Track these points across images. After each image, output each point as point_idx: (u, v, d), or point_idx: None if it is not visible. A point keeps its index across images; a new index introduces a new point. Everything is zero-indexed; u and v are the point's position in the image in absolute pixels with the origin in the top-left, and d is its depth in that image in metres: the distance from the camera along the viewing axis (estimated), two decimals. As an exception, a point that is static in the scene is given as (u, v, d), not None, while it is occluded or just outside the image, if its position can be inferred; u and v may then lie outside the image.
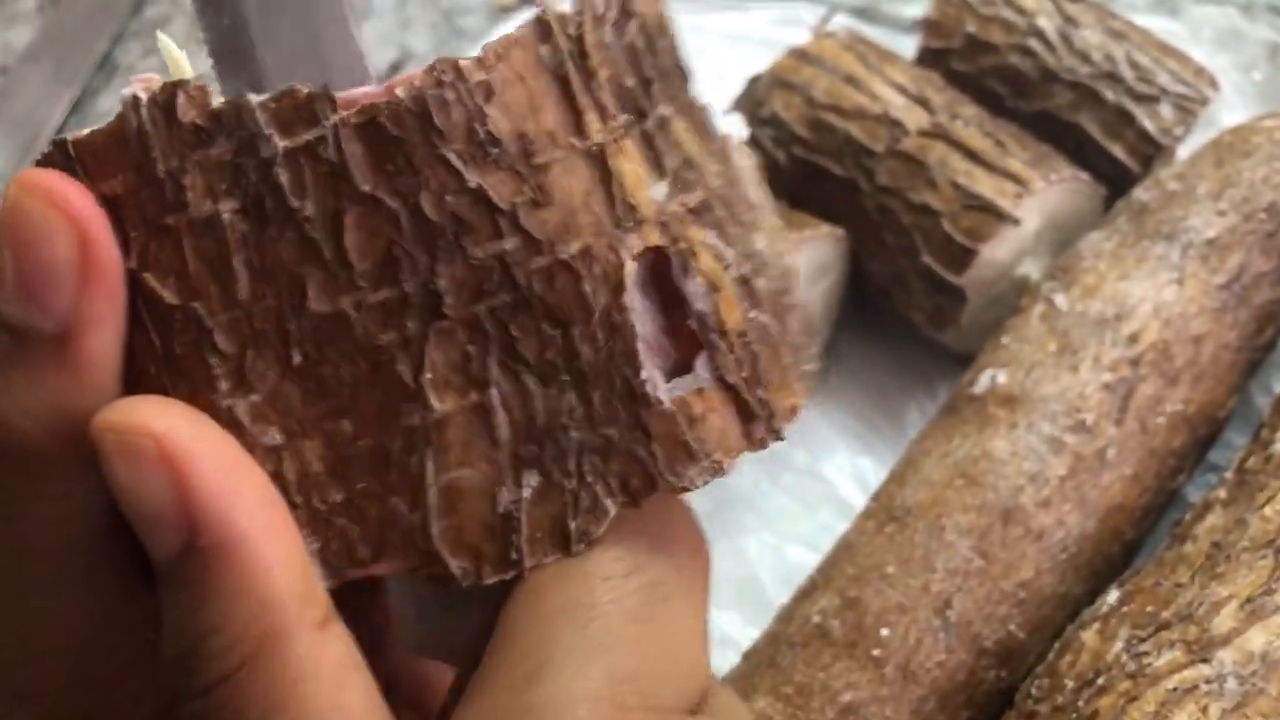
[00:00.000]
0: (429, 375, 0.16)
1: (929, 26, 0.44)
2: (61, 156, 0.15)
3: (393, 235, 0.15)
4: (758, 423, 0.17)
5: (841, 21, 0.50)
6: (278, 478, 0.16)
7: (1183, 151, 0.42)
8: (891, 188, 0.39)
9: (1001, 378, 0.34)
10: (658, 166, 0.17)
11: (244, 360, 0.15)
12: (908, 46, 0.45)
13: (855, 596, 0.31)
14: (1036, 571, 0.32)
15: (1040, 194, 0.38)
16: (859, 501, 0.36)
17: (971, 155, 0.39)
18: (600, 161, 0.16)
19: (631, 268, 0.16)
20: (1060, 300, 0.35)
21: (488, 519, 0.16)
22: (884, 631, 0.31)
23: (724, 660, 0.34)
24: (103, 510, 0.16)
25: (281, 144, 0.15)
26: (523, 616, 0.16)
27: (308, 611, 0.15)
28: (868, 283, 0.42)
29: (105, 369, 0.15)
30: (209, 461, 0.15)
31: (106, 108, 0.63)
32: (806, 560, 0.36)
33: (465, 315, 0.16)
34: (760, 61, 0.44)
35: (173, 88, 0.15)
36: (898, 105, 0.40)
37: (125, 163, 0.15)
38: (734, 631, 0.37)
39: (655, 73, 0.17)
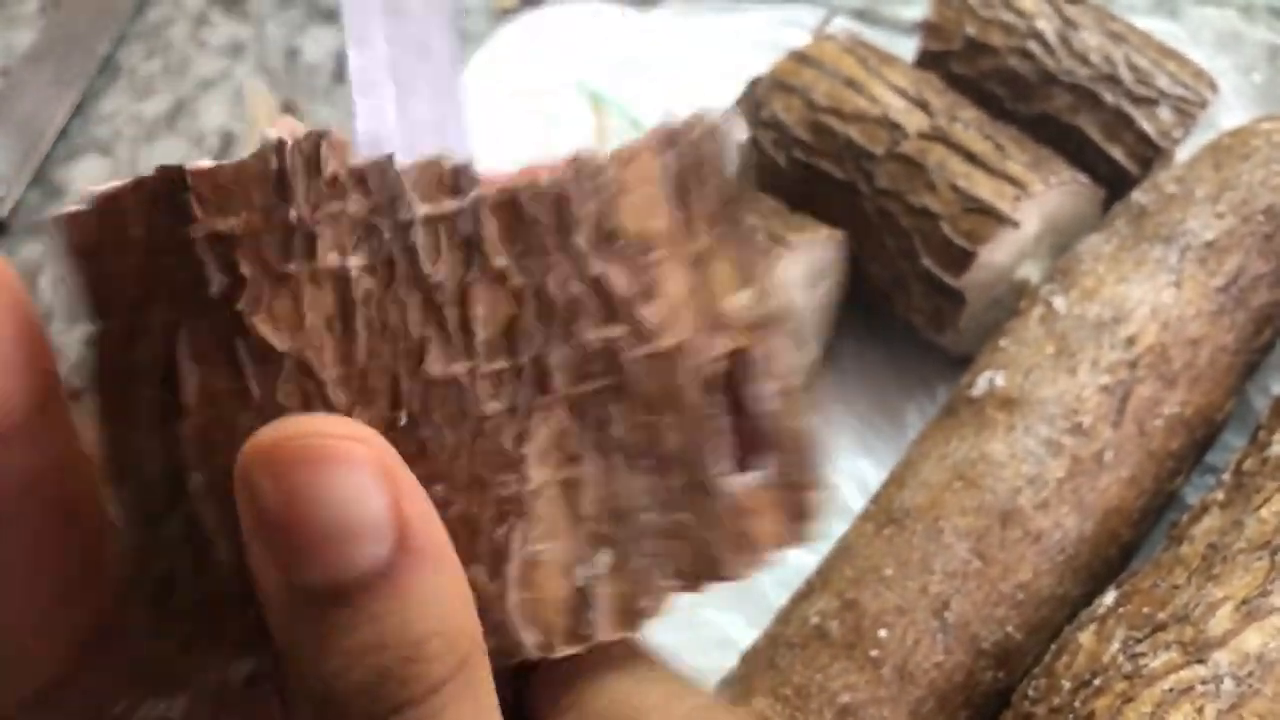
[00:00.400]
0: (529, 448, 0.16)
1: (928, 29, 0.44)
2: (173, 183, 0.15)
3: (515, 310, 0.16)
4: (798, 521, 0.18)
5: (841, 23, 0.50)
6: None
7: (1182, 154, 0.42)
8: (891, 190, 0.39)
9: (1000, 380, 0.34)
10: (745, 274, 0.18)
11: (350, 415, 0.15)
12: (908, 48, 0.45)
13: (853, 598, 0.31)
14: (1034, 573, 0.32)
15: (1039, 197, 0.38)
16: (859, 503, 0.37)
17: (971, 158, 0.39)
18: (702, 266, 0.17)
19: (718, 366, 0.17)
20: (1059, 303, 0.35)
21: (563, 593, 0.16)
22: (882, 633, 0.31)
23: (723, 661, 0.34)
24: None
25: (422, 210, 0.15)
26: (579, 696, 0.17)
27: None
28: (868, 285, 0.42)
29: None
30: (406, 471, 0.15)
31: (108, 110, 0.63)
32: (806, 562, 0.36)
33: (570, 393, 0.16)
34: (761, 63, 0.44)
35: (317, 137, 0.15)
36: (897, 108, 0.41)
37: (252, 203, 0.15)
38: (734, 633, 0.37)
39: (731, 180, 0.18)
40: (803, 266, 0.40)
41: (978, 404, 0.34)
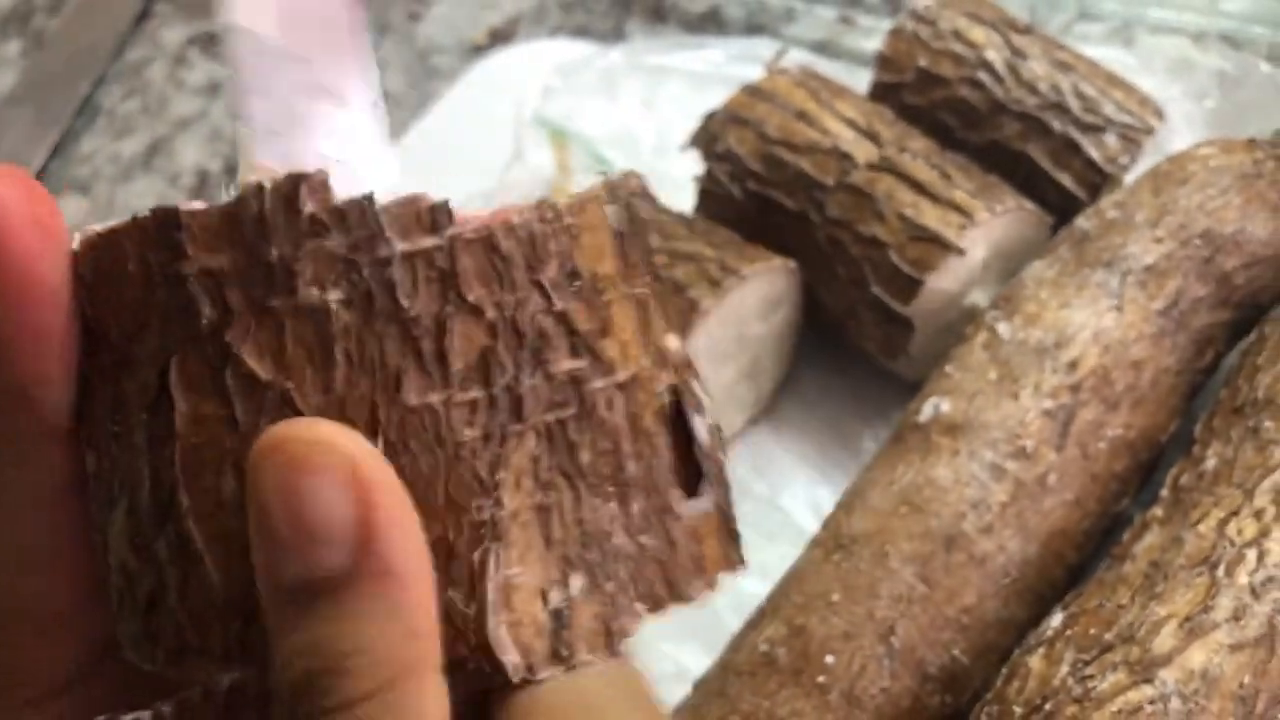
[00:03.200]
0: (503, 473, 0.17)
1: (882, 61, 0.45)
2: (166, 222, 0.16)
3: (488, 342, 0.17)
4: (734, 546, 0.19)
5: (800, 56, 0.51)
6: None
7: (1130, 180, 0.42)
8: (841, 220, 0.40)
9: (945, 406, 0.34)
10: (668, 319, 0.19)
11: None
12: (866, 79, 0.46)
13: (802, 624, 0.32)
14: (979, 597, 0.32)
15: (985, 225, 0.39)
16: (814, 528, 0.37)
17: (918, 187, 0.39)
18: (644, 307, 0.19)
19: (665, 399, 0.18)
20: (1003, 329, 0.36)
21: (539, 616, 0.17)
22: (829, 659, 0.31)
23: (680, 690, 0.35)
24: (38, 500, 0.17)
25: (400, 247, 0.16)
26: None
27: (437, 652, 0.16)
28: (821, 313, 0.42)
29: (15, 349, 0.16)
30: (389, 490, 0.16)
31: (87, 150, 0.64)
32: (764, 591, 0.36)
33: (539, 422, 0.17)
34: (718, 97, 0.45)
35: (296, 179, 0.16)
36: (847, 139, 0.41)
37: (237, 242, 0.16)
38: (691, 662, 0.37)
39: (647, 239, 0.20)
40: (757, 296, 0.41)
41: (924, 430, 0.34)
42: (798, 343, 0.44)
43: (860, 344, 0.42)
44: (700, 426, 0.19)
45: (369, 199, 0.16)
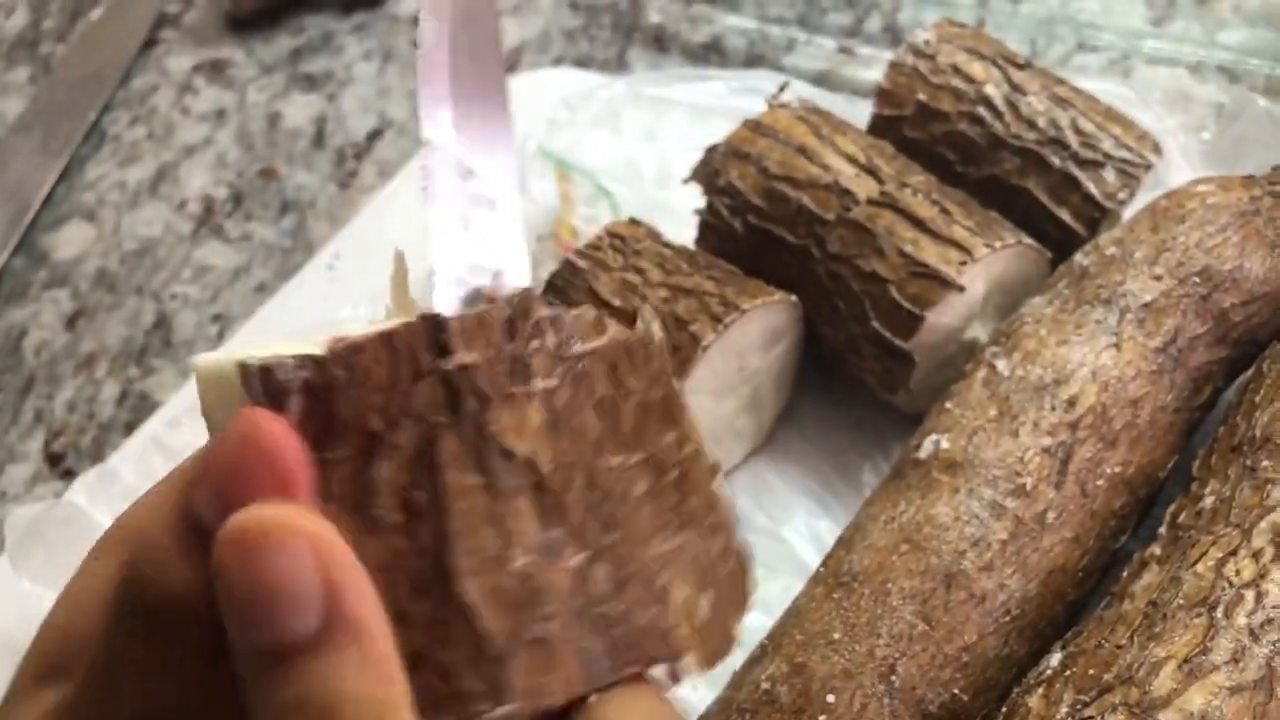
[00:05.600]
0: (661, 520, 0.21)
1: (882, 95, 0.46)
2: (434, 326, 0.20)
3: (639, 419, 0.21)
4: None
5: (801, 88, 0.51)
6: (580, 590, 0.20)
7: (1129, 214, 0.43)
8: (842, 255, 0.40)
9: (945, 443, 0.34)
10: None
11: (564, 499, 0.20)
12: (866, 111, 0.47)
13: (802, 662, 0.32)
14: (979, 635, 0.32)
15: (984, 261, 0.39)
16: (815, 563, 0.37)
17: (918, 224, 0.40)
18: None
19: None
20: (1002, 365, 0.36)
21: (695, 619, 0.21)
22: (830, 698, 0.31)
23: (682, 725, 0.35)
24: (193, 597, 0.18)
25: (587, 346, 0.20)
26: None
27: (408, 695, 0.18)
28: (822, 347, 0.43)
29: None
30: (347, 561, 0.18)
31: (93, 176, 0.64)
32: (766, 625, 0.36)
33: (656, 485, 0.21)
34: (720, 129, 0.45)
35: (528, 292, 0.20)
36: (848, 175, 0.42)
37: (486, 342, 0.20)
38: (693, 698, 0.37)
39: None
40: (759, 329, 0.41)
41: (924, 467, 0.34)
42: (798, 376, 0.44)
43: (860, 377, 0.42)
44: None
45: (567, 310, 0.20)
